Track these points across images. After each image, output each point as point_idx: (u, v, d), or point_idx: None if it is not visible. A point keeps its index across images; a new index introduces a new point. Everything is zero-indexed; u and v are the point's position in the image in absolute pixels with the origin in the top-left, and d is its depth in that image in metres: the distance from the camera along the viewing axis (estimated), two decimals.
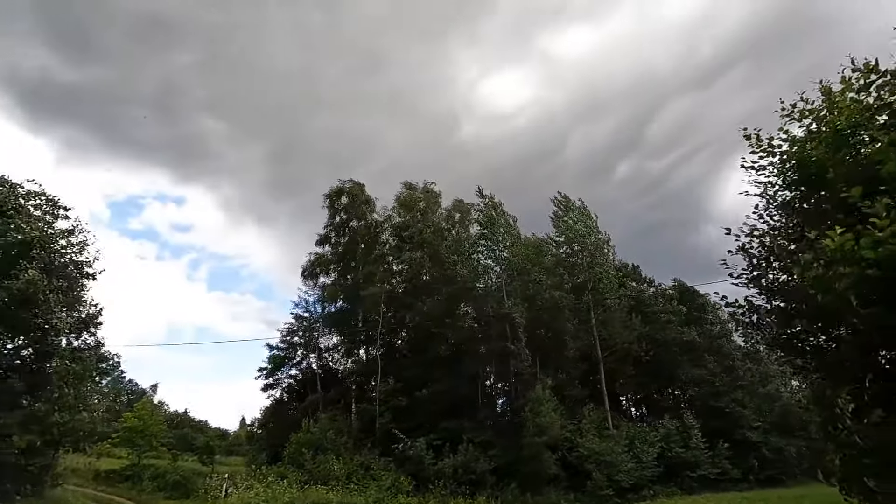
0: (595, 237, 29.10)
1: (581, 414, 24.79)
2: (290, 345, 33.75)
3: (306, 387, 32.38)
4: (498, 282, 26.61)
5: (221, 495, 17.66)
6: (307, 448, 21.20)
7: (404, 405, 23.85)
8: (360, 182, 32.32)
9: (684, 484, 22.94)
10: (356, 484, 18.45)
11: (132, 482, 28.63)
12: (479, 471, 20.70)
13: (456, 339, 26.18)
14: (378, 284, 27.59)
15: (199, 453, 43.84)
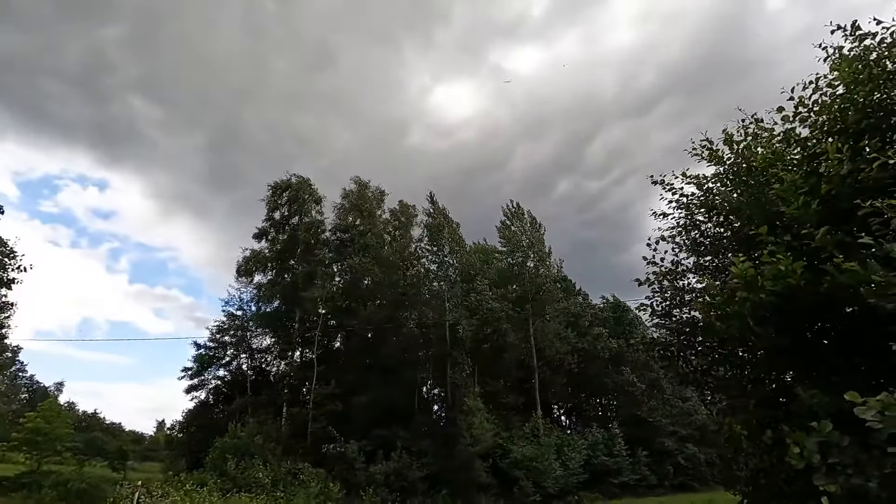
0: (540, 248, 30.04)
1: (514, 422, 25.42)
2: (219, 344, 32.06)
3: (235, 389, 30.88)
4: (440, 287, 26.80)
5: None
6: (232, 454, 20.22)
7: (340, 410, 23.37)
8: (306, 178, 31.53)
9: (607, 490, 24.07)
10: (282, 491, 17.80)
11: (28, 490, 25.98)
12: (411, 478, 20.70)
13: (396, 344, 26.06)
14: (318, 285, 26.93)
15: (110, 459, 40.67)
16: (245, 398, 28.61)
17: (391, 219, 32.17)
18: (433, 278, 28.00)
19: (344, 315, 27.39)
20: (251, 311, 32.10)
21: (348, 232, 29.60)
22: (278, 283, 30.59)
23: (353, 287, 28.43)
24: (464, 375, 24.66)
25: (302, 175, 31.87)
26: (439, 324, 25.42)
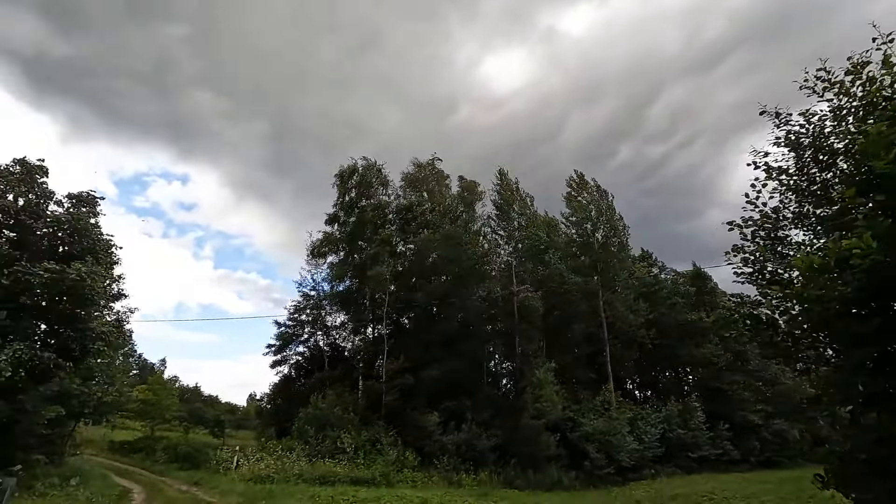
0: (610, 218, 28.89)
1: (584, 395, 25.13)
2: (297, 322, 34.17)
3: (314, 364, 32.89)
4: (508, 261, 26.69)
5: (232, 466, 18.19)
6: (314, 423, 21.68)
7: (411, 383, 24.21)
8: (373, 161, 32.33)
9: (685, 464, 23.29)
10: (363, 458, 18.93)
11: (145, 453, 29.54)
12: (481, 448, 21.16)
13: (462, 318, 26.36)
14: (384, 265, 27.74)
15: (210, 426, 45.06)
16: (323, 372, 30.41)
17: (456, 194, 32.32)
18: (501, 252, 27.96)
19: (411, 291, 28.06)
20: (324, 290, 33.84)
21: (412, 210, 30.08)
22: (348, 263, 31.89)
23: (418, 264, 29.00)
24: (534, 349, 24.61)
25: (369, 158, 32.75)
26: (507, 298, 25.42)
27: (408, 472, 18.42)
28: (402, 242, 30.66)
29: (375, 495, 11.05)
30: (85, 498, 10.72)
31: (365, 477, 16.75)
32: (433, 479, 18.30)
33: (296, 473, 16.06)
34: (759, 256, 5.95)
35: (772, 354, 6.42)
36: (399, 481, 17.28)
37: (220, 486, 15.11)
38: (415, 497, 10.74)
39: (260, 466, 16.56)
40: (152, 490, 14.97)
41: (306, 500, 10.37)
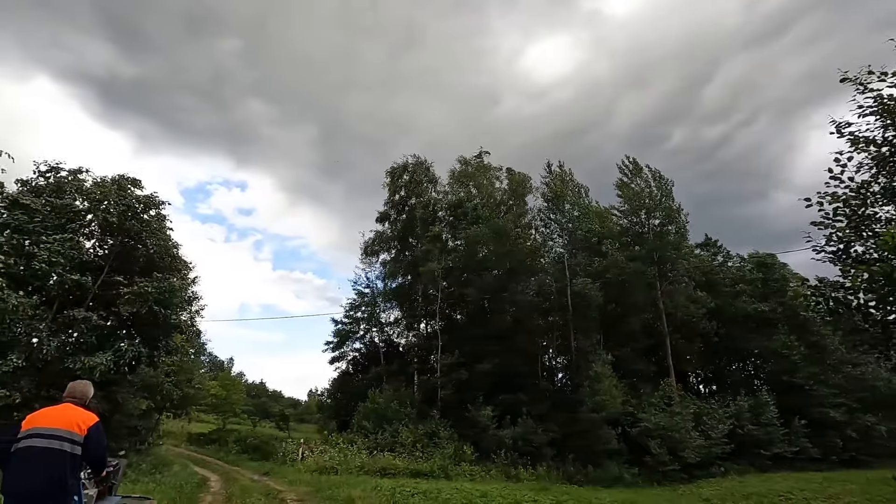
0: (667, 205, 27.68)
1: (644, 389, 24.32)
2: (353, 319, 35.26)
3: (370, 359, 33.84)
4: (560, 253, 26.25)
5: (299, 458, 19.09)
6: (373, 417, 22.32)
7: (465, 378, 24.39)
8: (422, 158, 32.81)
9: (758, 461, 22.03)
10: (421, 452, 19.30)
11: (219, 444, 31.54)
12: (538, 442, 21.00)
13: (515, 312, 26.20)
14: (435, 261, 28.04)
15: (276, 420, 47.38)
16: (379, 368, 31.24)
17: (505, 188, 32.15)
18: (553, 244, 27.56)
19: (462, 287, 28.20)
20: (378, 288, 34.70)
21: (461, 206, 30.20)
22: (400, 260, 32.54)
23: (469, 259, 29.09)
24: (592, 342, 24.11)
25: (418, 155, 33.26)
26: (560, 291, 25.03)
27: (465, 466, 18.59)
28: (453, 238, 30.88)
29: (436, 487, 11.25)
30: (171, 484, 11.61)
31: (424, 470, 17.07)
32: (491, 473, 18.37)
33: (357, 465, 16.63)
34: (843, 234, 5.44)
35: (859, 342, 5.84)
36: (457, 474, 17.49)
37: (288, 476, 15.92)
38: (474, 490, 10.84)
39: (324, 458, 17.28)
40: (227, 479, 15.96)
41: (370, 489, 10.73)
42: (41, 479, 3.39)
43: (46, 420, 3.64)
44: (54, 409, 3.78)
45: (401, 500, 9.76)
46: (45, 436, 3.52)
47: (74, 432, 3.61)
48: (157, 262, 13.75)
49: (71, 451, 3.54)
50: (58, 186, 13.06)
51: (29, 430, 3.55)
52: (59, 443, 3.51)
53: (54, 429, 3.57)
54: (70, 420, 3.66)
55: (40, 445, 3.47)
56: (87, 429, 3.68)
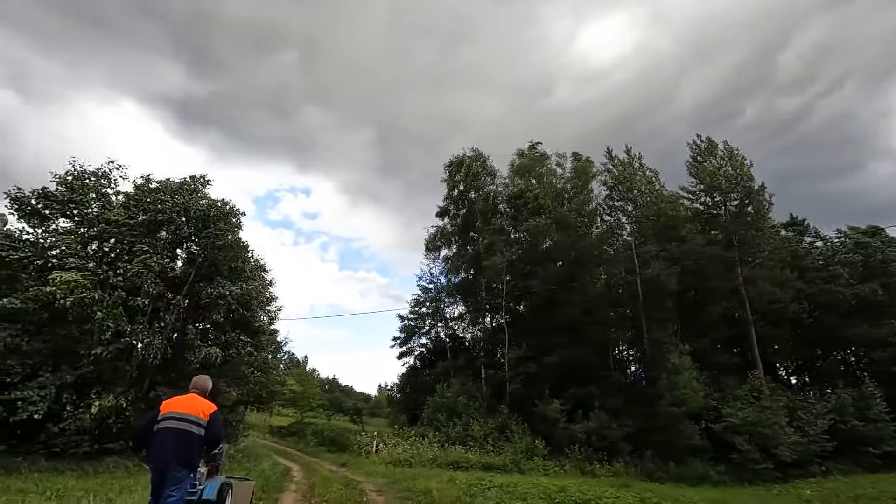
0: (746, 184, 25.67)
1: (727, 382, 22.74)
2: (418, 315, 35.77)
3: (437, 354, 34.21)
4: (629, 241, 25.11)
5: (373, 451, 19.65)
6: (443, 411, 22.51)
7: (533, 371, 24.01)
8: (479, 151, 32.64)
9: (865, 461, 19.93)
10: (492, 446, 19.22)
11: (298, 437, 33.18)
12: (612, 437, 20.23)
13: (583, 304, 25.40)
14: (498, 253, 27.77)
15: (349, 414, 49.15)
16: (446, 362, 31.50)
17: (568, 176, 31.25)
18: (621, 232, 26.45)
19: (527, 279, 27.73)
20: (442, 283, 34.98)
21: (521, 197, 29.69)
22: (463, 255, 32.58)
23: (532, 251, 28.57)
24: (667, 333, 22.91)
25: (475, 148, 33.12)
26: (630, 280, 23.98)
27: (538, 461, 18.29)
28: (515, 230, 30.47)
29: (511, 481, 11.11)
30: (258, 473, 12.32)
31: (496, 463, 16.98)
32: (564, 468, 17.95)
33: (430, 458, 16.84)
34: None
35: None
36: (530, 469, 17.24)
37: (363, 467, 16.42)
38: (551, 485, 10.57)
39: (397, 451, 17.66)
40: (308, 469, 16.71)
41: (445, 482, 10.78)
42: (175, 454, 4.31)
43: (179, 406, 4.54)
44: (184, 398, 4.69)
45: (477, 493, 9.70)
46: (178, 419, 4.43)
47: (200, 417, 4.50)
48: (236, 267, 14.63)
49: (197, 433, 4.45)
50: (139, 199, 14.21)
51: (166, 414, 4.46)
52: (188, 425, 4.42)
53: (185, 413, 4.48)
54: (196, 407, 4.57)
55: (175, 427, 4.39)
56: (209, 414, 4.58)
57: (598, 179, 30.32)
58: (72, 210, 13.10)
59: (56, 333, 12.19)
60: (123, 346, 12.50)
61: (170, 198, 13.93)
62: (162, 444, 4.34)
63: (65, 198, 13.03)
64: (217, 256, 14.33)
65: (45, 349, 11.91)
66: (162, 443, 4.35)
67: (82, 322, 12.00)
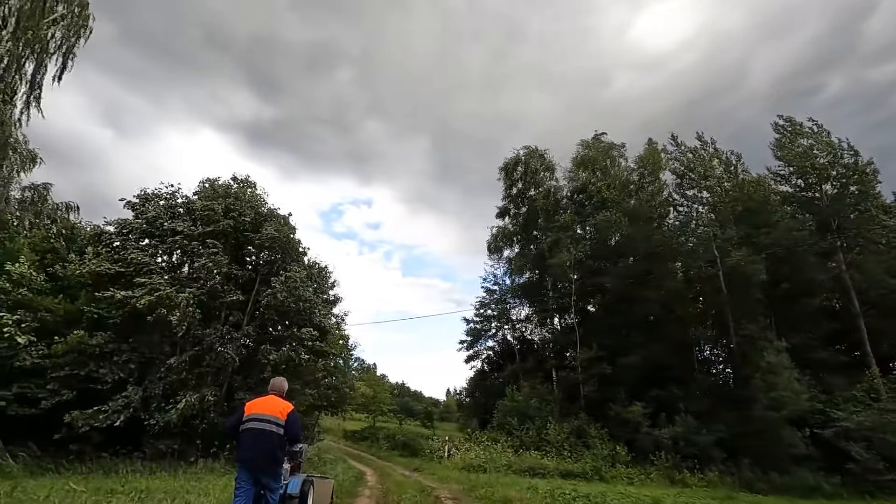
0: (847, 161, 22.98)
1: (834, 382, 20.27)
2: (484, 318, 35.24)
3: (505, 357, 33.51)
4: (708, 232, 23.20)
5: (445, 455, 19.35)
6: (515, 415, 21.81)
7: (608, 372, 22.74)
8: (534, 147, 31.74)
9: None
10: (569, 451, 18.27)
11: (371, 441, 33.66)
12: (703, 443, 18.58)
13: (659, 300, 23.75)
14: (564, 250, 26.69)
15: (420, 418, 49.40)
16: (514, 365, 30.73)
17: (634, 167, 29.57)
18: (698, 221, 24.55)
19: (596, 276, 26.41)
20: (506, 284, 34.26)
21: (585, 191, 28.44)
22: (526, 254, 31.73)
23: (600, 246, 27.21)
24: (758, 328, 20.86)
25: (530, 145, 32.26)
26: (710, 273, 22.13)
27: (621, 468, 17.14)
28: (580, 226, 29.23)
29: (597, 490, 10.32)
30: (334, 475, 12.36)
31: (575, 470, 16.09)
32: (651, 477, 16.67)
33: (504, 464, 16.25)
34: None
35: None
36: (612, 477, 16.18)
37: (437, 472, 16.12)
38: (641, 495, 9.70)
39: (470, 456, 17.23)
40: (381, 473, 16.68)
41: (525, 490, 10.20)
42: (260, 452, 4.72)
43: (260, 408, 4.91)
44: (264, 399, 5.07)
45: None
46: (260, 420, 4.80)
47: (279, 418, 4.84)
48: (289, 265, 15.03)
49: (277, 432, 4.79)
50: (194, 209, 14.98)
51: (250, 415, 4.85)
52: (269, 425, 4.78)
53: (266, 415, 4.83)
54: (275, 408, 4.91)
55: (258, 427, 4.76)
56: (286, 414, 4.90)
57: (668, 167, 28.47)
58: (144, 228, 14.00)
59: (140, 341, 12.92)
60: (201, 350, 13.05)
61: (219, 204, 14.59)
62: (248, 443, 4.77)
63: (139, 221, 14.06)
64: (272, 257, 14.79)
65: (132, 358, 12.64)
66: (248, 442, 4.77)
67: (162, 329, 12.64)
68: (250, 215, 14.88)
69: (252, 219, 14.90)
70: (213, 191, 15.22)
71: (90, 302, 13.03)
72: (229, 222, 14.54)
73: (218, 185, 15.53)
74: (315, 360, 14.44)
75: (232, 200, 14.91)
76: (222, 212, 14.56)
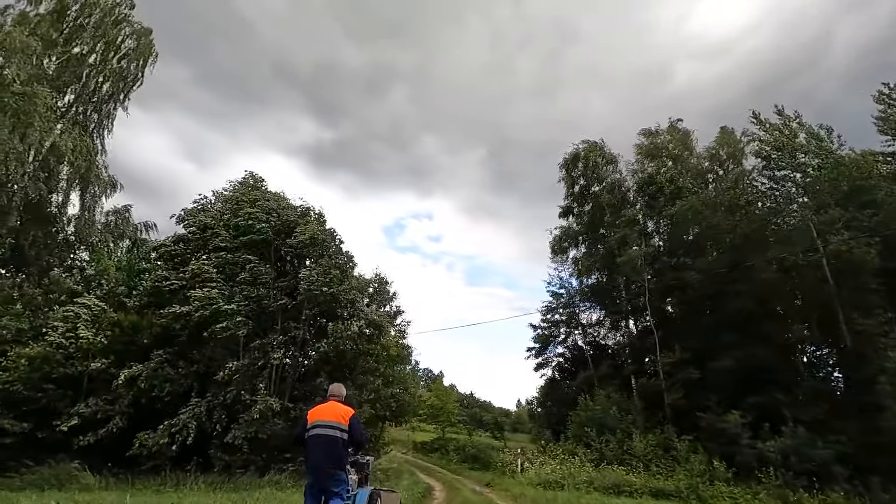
0: None
1: None
2: (551, 323, 33.58)
3: (576, 364, 31.64)
4: (803, 216, 20.48)
5: (518, 469, 18.09)
6: (591, 426, 20.13)
7: (696, 378, 20.51)
8: (594, 141, 29.98)
9: None
10: (658, 466, 16.38)
11: (441, 453, 32.84)
12: (820, 459, 15.96)
13: (752, 295, 21.17)
14: (634, 247, 24.70)
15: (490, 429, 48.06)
16: (587, 372, 28.85)
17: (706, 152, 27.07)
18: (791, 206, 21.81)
19: (675, 272, 24.15)
20: (573, 287, 32.47)
21: (655, 181, 26.29)
22: (593, 254, 29.89)
23: (676, 241, 24.95)
24: (877, 322, 17.92)
25: (589, 140, 30.53)
26: (813, 261, 19.40)
27: (721, 486, 15.02)
28: (652, 220, 27.07)
29: None
30: (401, 488, 11.68)
31: (667, 488, 14.29)
32: (759, 497, 14.48)
33: (584, 480, 14.74)
34: None
35: None
36: (712, 496, 14.20)
37: (510, 489, 14.94)
38: None
39: (546, 471, 15.86)
40: (450, 489, 15.79)
41: None
42: (326, 457, 4.81)
43: (323, 414, 5.01)
44: (326, 406, 5.14)
45: None
46: (324, 426, 4.90)
47: (341, 423, 4.92)
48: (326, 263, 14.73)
49: (341, 437, 4.89)
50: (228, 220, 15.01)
51: (314, 422, 4.95)
52: (332, 431, 4.87)
53: (329, 421, 4.93)
54: (337, 413, 4.99)
55: (322, 433, 4.86)
56: (348, 419, 4.97)
57: (749, 151, 25.73)
58: (196, 240, 14.18)
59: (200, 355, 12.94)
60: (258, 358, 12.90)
61: (251, 214, 14.56)
62: (314, 450, 4.87)
63: (189, 237, 14.33)
64: (307, 252, 14.54)
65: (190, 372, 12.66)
66: (314, 449, 4.87)
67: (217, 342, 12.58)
68: (279, 220, 14.78)
69: (283, 222, 14.79)
70: (238, 199, 15.38)
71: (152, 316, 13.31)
72: (265, 226, 14.51)
73: (242, 191, 15.69)
74: (367, 357, 13.96)
75: (259, 206, 14.90)
76: (252, 220, 14.57)
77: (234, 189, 16.25)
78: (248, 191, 16.18)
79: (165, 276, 13.76)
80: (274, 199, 15.92)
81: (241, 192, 16.03)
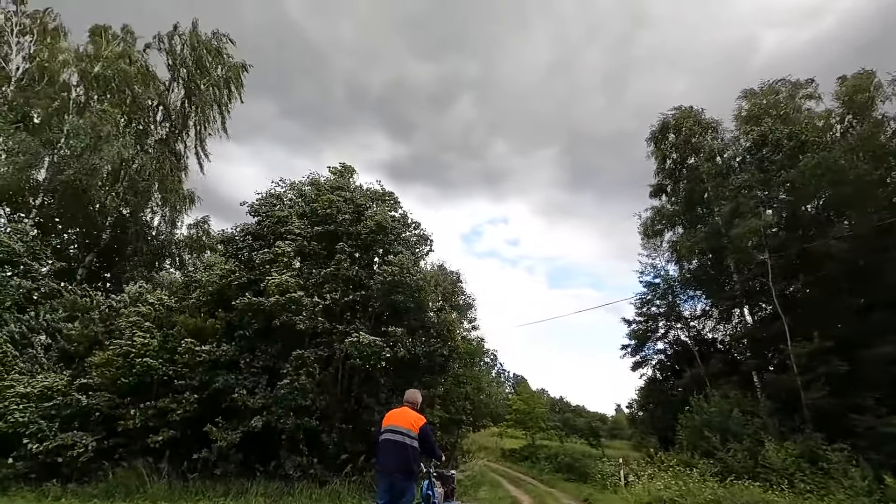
0: None
1: None
2: (647, 317, 30.01)
3: (680, 361, 27.88)
4: None
5: (621, 483, 15.47)
6: (712, 432, 16.91)
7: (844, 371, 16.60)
8: (687, 106, 26.36)
9: None
10: (804, 483, 12.99)
11: (531, 461, 30.41)
12: None
13: None
14: (748, 220, 20.90)
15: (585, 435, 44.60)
16: (694, 370, 25.18)
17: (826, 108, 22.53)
18: None
19: (798, 245, 20.10)
20: (670, 275, 28.77)
21: (766, 142, 22.26)
22: (694, 234, 26.10)
23: (800, 208, 20.82)
24: None
25: (681, 105, 26.89)
26: None
27: None
28: (762, 191, 22.96)
29: None
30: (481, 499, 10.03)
31: None
32: None
33: (709, 500, 11.86)
34: None
35: None
36: None
37: None
38: None
39: (656, 486, 13.13)
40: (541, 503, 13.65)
41: None
42: (395, 462, 5.00)
43: (396, 420, 5.24)
44: (399, 411, 5.36)
45: None
46: (395, 431, 5.13)
47: (412, 430, 5.10)
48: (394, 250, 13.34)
49: (411, 444, 5.06)
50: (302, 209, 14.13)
51: (386, 427, 5.21)
52: (402, 437, 5.08)
53: (400, 427, 5.14)
54: (408, 420, 5.20)
55: (393, 439, 5.09)
56: (419, 427, 5.14)
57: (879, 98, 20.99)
58: (269, 230, 13.42)
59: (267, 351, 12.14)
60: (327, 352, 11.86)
61: (329, 202, 13.45)
62: (385, 454, 4.99)
63: (262, 224, 13.61)
64: (377, 238, 13.16)
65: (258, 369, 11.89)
66: (385, 453, 4.99)
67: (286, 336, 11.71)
68: (351, 208, 13.57)
69: (356, 206, 13.57)
70: (318, 190, 14.35)
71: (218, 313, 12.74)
72: (346, 217, 13.41)
73: (321, 183, 14.71)
74: (436, 359, 12.34)
75: (339, 195, 13.76)
76: (333, 209, 13.48)
77: (313, 181, 15.45)
78: (336, 178, 15.37)
79: (232, 270, 13.15)
80: (357, 189, 15.00)
81: (323, 181, 15.25)
